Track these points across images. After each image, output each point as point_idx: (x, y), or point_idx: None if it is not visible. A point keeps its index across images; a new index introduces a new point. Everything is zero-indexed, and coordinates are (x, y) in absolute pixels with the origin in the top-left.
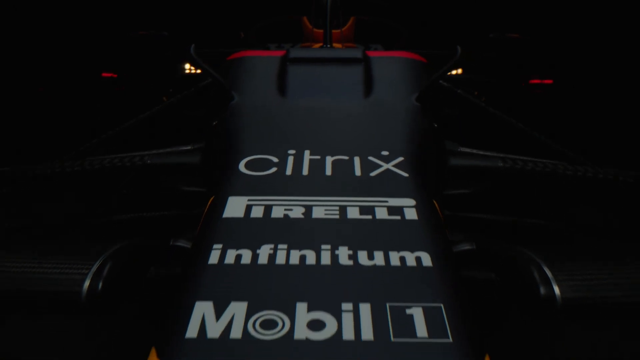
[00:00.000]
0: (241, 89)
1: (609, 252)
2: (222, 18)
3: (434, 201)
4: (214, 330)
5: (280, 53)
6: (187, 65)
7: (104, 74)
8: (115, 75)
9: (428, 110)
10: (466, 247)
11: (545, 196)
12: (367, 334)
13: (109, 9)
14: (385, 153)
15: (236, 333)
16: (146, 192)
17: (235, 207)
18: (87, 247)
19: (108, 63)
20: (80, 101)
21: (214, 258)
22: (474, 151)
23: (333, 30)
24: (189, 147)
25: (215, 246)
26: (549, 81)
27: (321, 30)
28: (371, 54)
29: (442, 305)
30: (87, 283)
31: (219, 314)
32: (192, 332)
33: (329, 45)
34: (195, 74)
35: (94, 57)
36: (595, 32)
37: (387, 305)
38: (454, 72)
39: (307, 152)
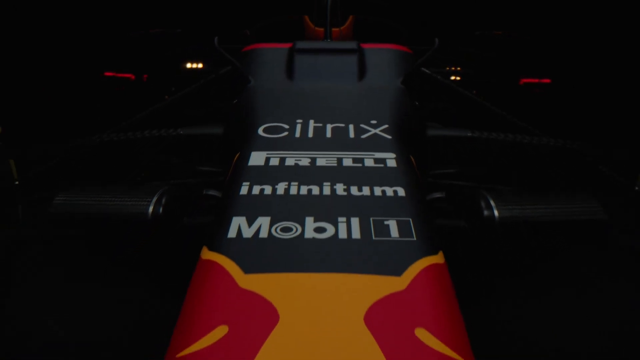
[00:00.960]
0: (256, 74)
1: (547, 193)
2: (227, 18)
3: (411, 157)
4: (248, 233)
5: (288, 45)
6: (188, 64)
7: (107, 73)
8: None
9: (411, 92)
10: (438, 195)
11: (509, 162)
12: (356, 234)
13: (109, 9)
14: (374, 122)
15: (263, 234)
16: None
17: (257, 159)
18: (144, 188)
19: (115, 63)
20: (81, 100)
21: (244, 190)
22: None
23: (333, 29)
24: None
25: (244, 183)
26: (547, 80)
27: (322, 29)
28: (365, 45)
29: (410, 219)
30: (151, 208)
31: (250, 223)
32: (232, 234)
33: (329, 40)
34: (197, 70)
35: (95, 56)
36: (589, 31)
37: (371, 219)
38: (452, 69)
39: (311, 121)
